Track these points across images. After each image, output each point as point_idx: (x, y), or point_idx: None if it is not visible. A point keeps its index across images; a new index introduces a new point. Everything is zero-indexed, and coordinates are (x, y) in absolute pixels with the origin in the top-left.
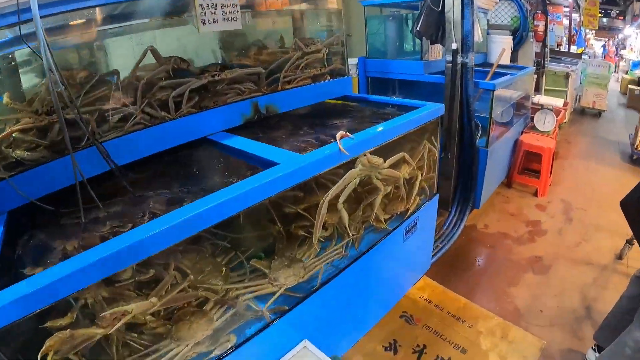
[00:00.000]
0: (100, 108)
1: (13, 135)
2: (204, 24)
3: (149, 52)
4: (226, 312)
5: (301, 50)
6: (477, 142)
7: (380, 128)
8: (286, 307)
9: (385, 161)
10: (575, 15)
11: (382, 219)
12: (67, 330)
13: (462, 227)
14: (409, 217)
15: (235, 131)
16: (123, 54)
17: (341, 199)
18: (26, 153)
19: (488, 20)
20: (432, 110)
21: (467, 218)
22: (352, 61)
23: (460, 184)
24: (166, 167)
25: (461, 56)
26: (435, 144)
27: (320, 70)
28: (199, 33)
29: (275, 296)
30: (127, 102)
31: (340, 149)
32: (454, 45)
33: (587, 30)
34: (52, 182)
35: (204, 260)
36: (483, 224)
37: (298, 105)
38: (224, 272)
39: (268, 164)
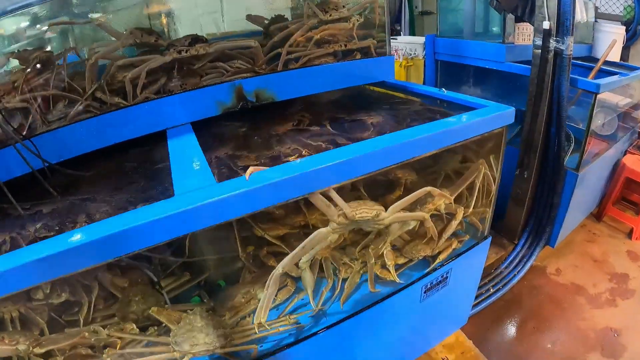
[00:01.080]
0: (42, 94)
1: None
2: None
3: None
4: None
5: (317, 18)
6: (565, 161)
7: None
8: None
9: (391, 204)
10: None
11: (391, 268)
12: None
13: (527, 268)
14: (432, 271)
15: (202, 125)
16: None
17: (305, 258)
18: None
19: (597, 8)
20: (494, 116)
21: (536, 257)
22: (420, 40)
23: (534, 212)
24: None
25: (555, 40)
26: (495, 166)
27: (346, 45)
28: None
29: None
30: (77, 87)
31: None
32: (545, 24)
33: None
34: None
35: (135, 287)
36: (555, 268)
37: (307, 91)
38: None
39: (163, 194)
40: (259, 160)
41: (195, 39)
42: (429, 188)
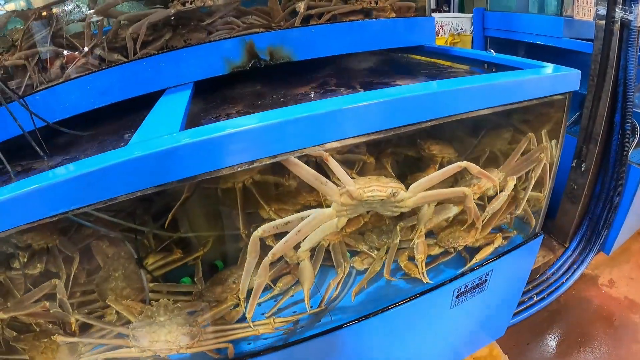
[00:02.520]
0: (35, 51)
1: None
2: None
3: None
4: None
5: None
6: (629, 154)
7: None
8: None
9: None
10: None
11: (420, 264)
12: None
13: (577, 276)
14: (468, 271)
15: (208, 85)
16: None
17: (305, 245)
18: None
19: None
20: (555, 76)
21: (588, 265)
22: (468, 14)
23: (590, 211)
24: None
25: (621, 9)
26: (553, 145)
27: (377, 2)
28: None
29: None
30: (78, 44)
31: None
32: None
33: None
34: None
35: (116, 261)
36: (608, 279)
37: (329, 51)
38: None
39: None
40: None
41: None
42: (464, 163)
